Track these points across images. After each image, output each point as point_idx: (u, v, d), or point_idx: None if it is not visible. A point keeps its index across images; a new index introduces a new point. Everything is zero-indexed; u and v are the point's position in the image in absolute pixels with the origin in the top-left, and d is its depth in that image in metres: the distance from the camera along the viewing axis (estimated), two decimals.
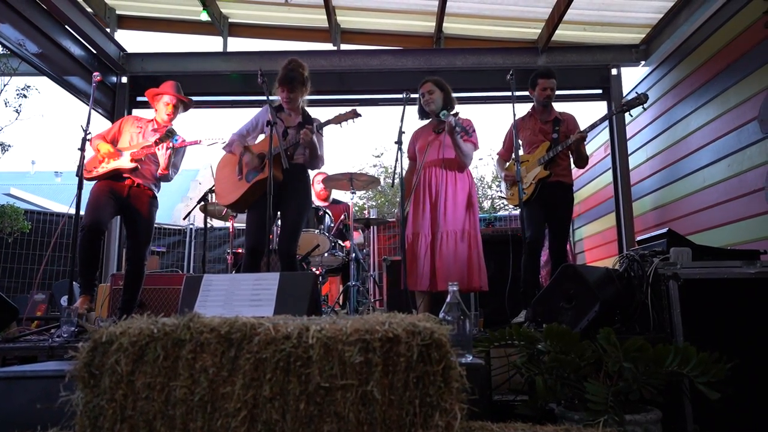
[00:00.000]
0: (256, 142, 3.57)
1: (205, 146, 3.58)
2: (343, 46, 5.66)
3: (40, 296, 4.89)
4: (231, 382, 1.20)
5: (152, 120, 3.75)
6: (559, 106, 3.96)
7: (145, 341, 1.22)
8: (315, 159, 3.48)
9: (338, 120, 3.40)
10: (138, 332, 1.22)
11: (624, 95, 5.47)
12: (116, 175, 3.50)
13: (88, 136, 3.39)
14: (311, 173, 3.74)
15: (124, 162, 3.51)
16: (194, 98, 5.84)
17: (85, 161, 3.37)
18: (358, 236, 5.58)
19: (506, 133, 4.00)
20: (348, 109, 3.41)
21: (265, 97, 3.31)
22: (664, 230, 2.87)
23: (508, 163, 3.97)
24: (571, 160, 3.75)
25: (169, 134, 3.61)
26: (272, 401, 1.19)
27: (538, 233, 3.59)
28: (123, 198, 3.51)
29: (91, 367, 1.20)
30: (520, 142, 3.87)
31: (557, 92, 5.55)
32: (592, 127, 3.66)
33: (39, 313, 4.79)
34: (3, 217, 6.65)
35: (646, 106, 4.97)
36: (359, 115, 3.38)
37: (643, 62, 5.21)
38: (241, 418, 1.18)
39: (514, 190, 3.77)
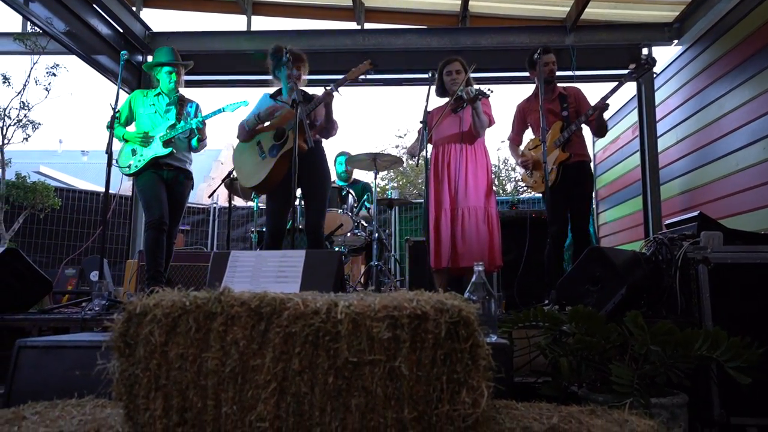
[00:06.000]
0: (266, 124, 3.52)
1: (230, 112, 3.53)
2: (367, 25, 5.60)
3: (71, 271, 5.01)
4: (261, 355, 1.22)
5: (159, 93, 3.70)
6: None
7: (178, 313, 1.24)
8: (330, 123, 3.42)
9: (354, 75, 3.29)
10: (171, 304, 1.24)
11: (655, 75, 5.33)
12: (155, 163, 3.53)
13: (117, 114, 3.44)
14: (328, 146, 3.70)
15: (159, 149, 3.51)
16: (218, 77, 5.94)
17: (112, 148, 3.38)
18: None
19: (513, 117, 3.94)
20: (362, 62, 3.27)
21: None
22: (695, 213, 2.81)
23: (522, 148, 3.90)
24: (586, 134, 3.72)
25: (184, 102, 3.67)
26: (301, 374, 1.20)
27: (561, 225, 3.55)
28: (167, 184, 3.58)
29: (127, 337, 1.23)
30: (529, 125, 3.81)
31: (586, 73, 5.44)
32: (612, 92, 3.50)
33: (69, 287, 4.92)
34: (35, 193, 6.82)
35: (677, 87, 4.85)
36: (375, 65, 3.29)
37: (676, 41, 5.06)
38: (271, 390, 1.20)
39: (536, 176, 3.71)
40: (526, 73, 5.55)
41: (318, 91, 3.51)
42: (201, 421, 1.20)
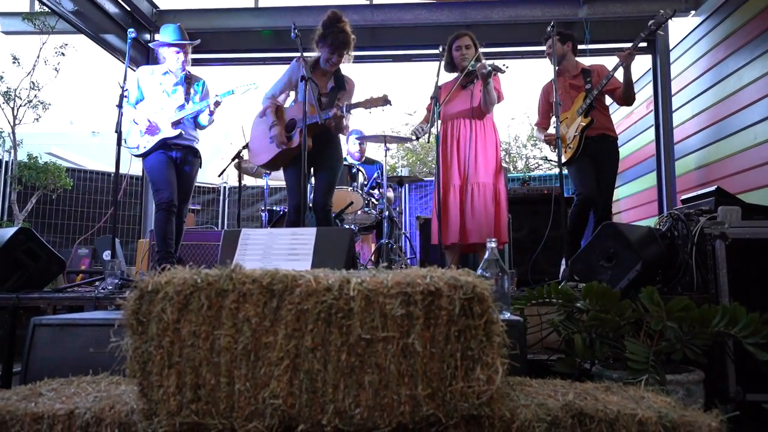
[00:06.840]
0: (289, 102, 3.54)
1: (239, 95, 3.54)
2: (376, 0, 5.50)
3: (84, 251, 5.06)
4: (273, 332, 1.21)
5: (167, 72, 3.66)
6: (600, 60, 3.80)
7: (190, 291, 1.23)
8: (339, 130, 3.46)
9: (367, 105, 3.34)
10: (182, 282, 1.24)
11: (670, 48, 5.21)
12: (164, 144, 3.53)
13: (126, 93, 3.41)
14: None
15: (168, 131, 3.51)
16: (226, 55, 5.88)
17: (122, 127, 3.36)
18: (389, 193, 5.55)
19: (538, 101, 3.91)
20: (380, 94, 3.33)
21: (297, 54, 3.26)
22: (712, 188, 2.76)
23: (548, 131, 3.88)
24: (610, 107, 3.67)
25: (196, 81, 3.67)
26: (314, 351, 1.20)
27: (590, 188, 3.49)
28: (177, 164, 3.59)
29: (139, 315, 1.23)
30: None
31: (599, 46, 5.31)
32: (634, 47, 3.45)
33: (83, 266, 4.97)
34: (46, 173, 6.85)
35: (694, 59, 4.72)
36: (389, 103, 3.33)
37: (693, 12, 4.90)
38: (284, 367, 1.19)
39: (561, 149, 3.67)
40: (538, 48, 5.43)
41: (347, 67, 3.56)
42: (214, 398, 1.20)
